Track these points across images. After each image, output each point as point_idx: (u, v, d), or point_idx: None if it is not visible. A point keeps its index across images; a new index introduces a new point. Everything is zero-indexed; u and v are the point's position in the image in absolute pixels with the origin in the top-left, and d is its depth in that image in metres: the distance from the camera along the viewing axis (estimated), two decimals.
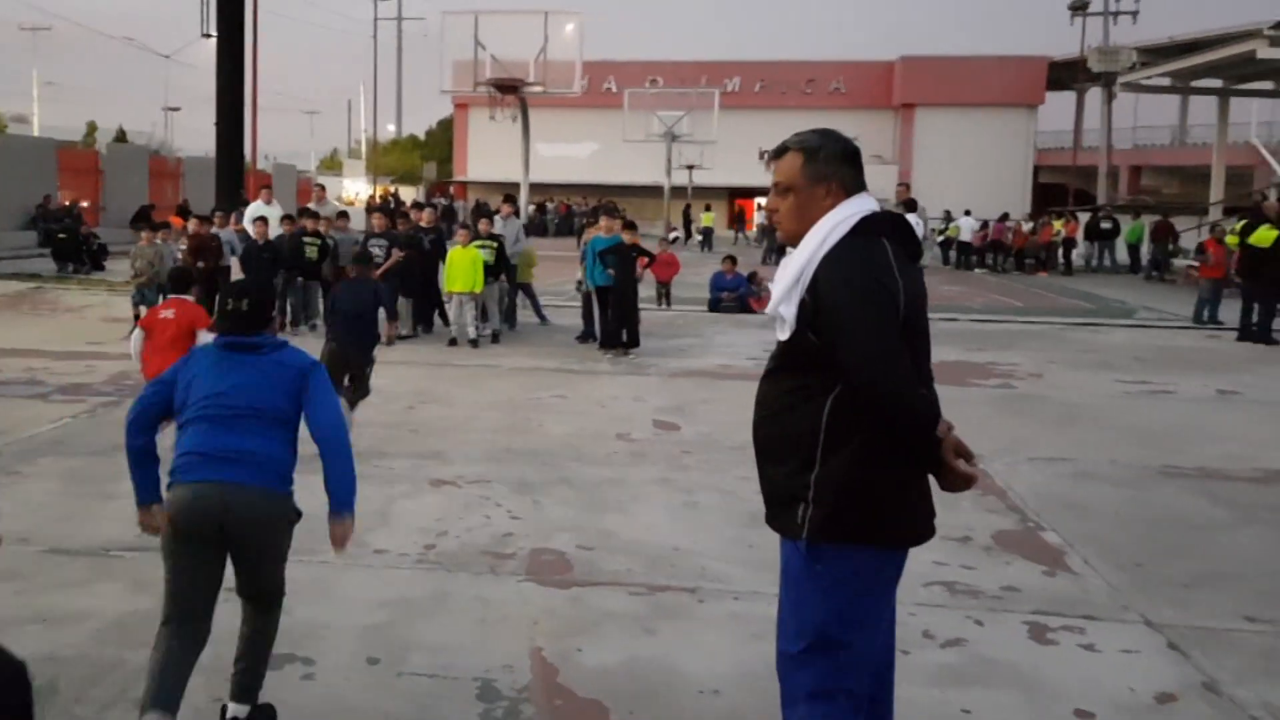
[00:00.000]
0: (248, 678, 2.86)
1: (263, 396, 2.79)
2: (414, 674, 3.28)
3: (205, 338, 4.68)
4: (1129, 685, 3.37)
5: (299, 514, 2.88)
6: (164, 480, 2.80)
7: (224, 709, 2.86)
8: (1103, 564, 4.51)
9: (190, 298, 5.69)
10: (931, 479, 2.23)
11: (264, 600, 2.89)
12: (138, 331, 5.71)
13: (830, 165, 2.24)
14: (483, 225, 10.98)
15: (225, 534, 2.71)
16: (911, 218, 11.17)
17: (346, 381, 6.37)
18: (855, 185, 2.26)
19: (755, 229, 36.09)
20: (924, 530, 2.26)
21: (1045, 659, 3.56)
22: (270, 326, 2.99)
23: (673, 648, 3.54)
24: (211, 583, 2.78)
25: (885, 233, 2.19)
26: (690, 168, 33.96)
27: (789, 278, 2.20)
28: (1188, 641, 3.70)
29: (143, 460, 2.82)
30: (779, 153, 2.31)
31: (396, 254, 10.59)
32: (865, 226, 2.17)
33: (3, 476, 5.42)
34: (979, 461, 2.22)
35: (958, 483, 2.16)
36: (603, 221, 10.77)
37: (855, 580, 2.18)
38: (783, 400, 2.22)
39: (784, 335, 2.22)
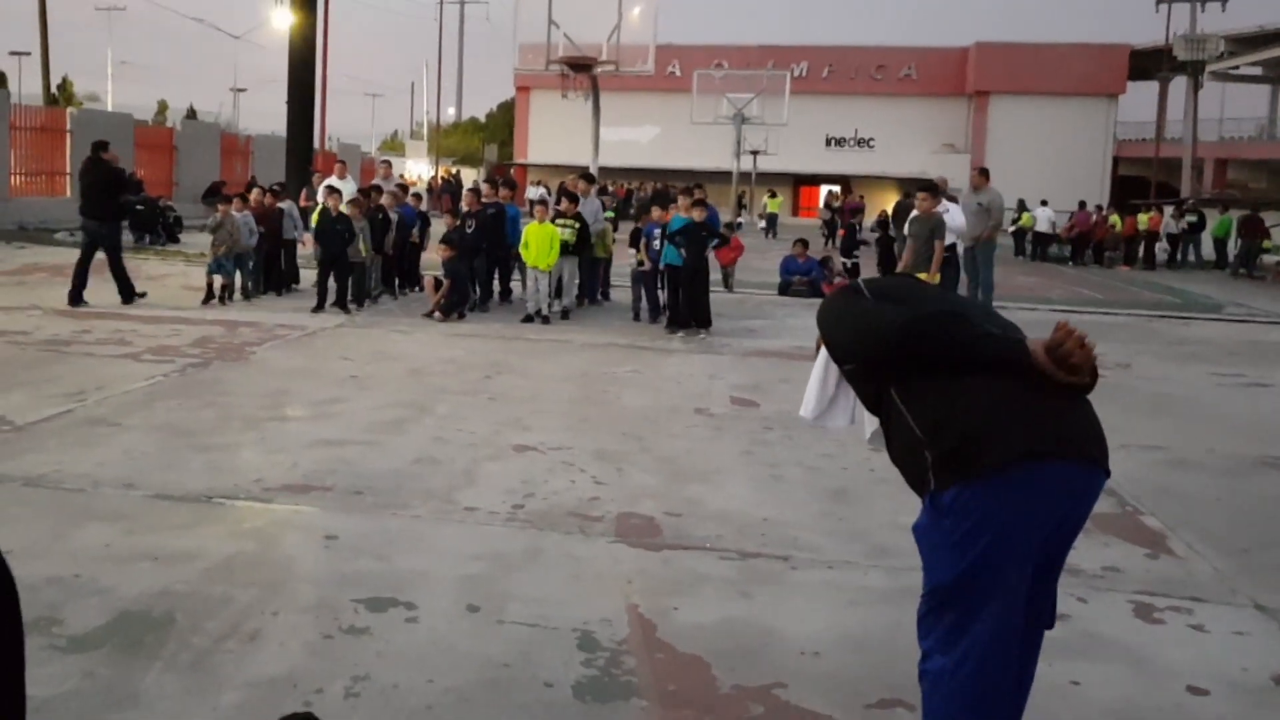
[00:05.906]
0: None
1: None
2: (514, 622, 3.31)
3: None
4: (1242, 665, 3.26)
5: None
6: None
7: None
8: (1207, 548, 4.36)
9: None
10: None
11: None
12: None
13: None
14: (566, 205, 11.02)
15: None
16: (949, 205, 10.69)
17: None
18: None
19: (820, 218, 35.45)
20: (1043, 444, 2.09)
21: (1153, 637, 3.46)
22: None
23: (769, 610, 3.51)
24: None
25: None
26: (755, 153, 33.50)
27: (816, 377, 2.60)
28: None
29: None
30: None
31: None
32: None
33: (104, 428, 5.60)
34: None
35: (1064, 362, 2.10)
36: (681, 202, 10.69)
37: (981, 529, 2.10)
38: (882, 415, 2.36)
39: (846, 420, 2.61)
